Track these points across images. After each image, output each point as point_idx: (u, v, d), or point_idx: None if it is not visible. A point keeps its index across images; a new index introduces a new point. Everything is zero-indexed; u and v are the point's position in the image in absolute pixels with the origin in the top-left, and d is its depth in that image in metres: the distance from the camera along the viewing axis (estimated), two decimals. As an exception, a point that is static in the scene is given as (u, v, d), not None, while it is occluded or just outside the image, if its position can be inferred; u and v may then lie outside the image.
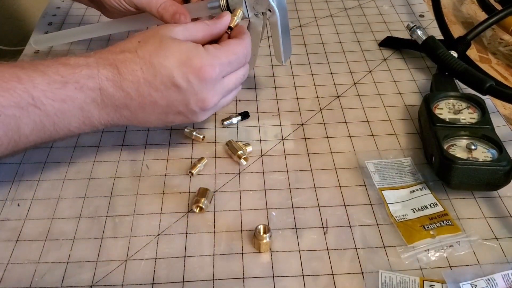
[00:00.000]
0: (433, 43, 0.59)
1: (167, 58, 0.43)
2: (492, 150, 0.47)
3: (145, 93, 0.43)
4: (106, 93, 0.42)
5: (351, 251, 0.43)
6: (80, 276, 0.42)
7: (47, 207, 0.47)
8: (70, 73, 0.41)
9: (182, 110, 0.45)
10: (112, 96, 0.43)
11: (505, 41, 0.70)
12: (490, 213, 0.46)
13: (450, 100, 0.53)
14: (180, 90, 0.44)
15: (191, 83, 0.43)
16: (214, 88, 0.45)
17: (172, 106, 0.45)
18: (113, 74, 0.42)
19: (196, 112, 0.46)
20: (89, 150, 0.53)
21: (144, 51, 0.43)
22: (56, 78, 0.41)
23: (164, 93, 0.44)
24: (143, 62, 0.43)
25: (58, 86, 0.41)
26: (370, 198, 0.47)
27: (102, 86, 0.42)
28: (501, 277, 0.40)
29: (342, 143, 0.53)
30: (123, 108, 0.44)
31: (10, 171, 0.51)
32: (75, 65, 0.42)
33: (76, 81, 0.41)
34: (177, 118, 0.46)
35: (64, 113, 0.41)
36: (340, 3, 0.78)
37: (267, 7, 0.50)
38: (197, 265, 0.42)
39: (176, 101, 0.44)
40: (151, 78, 0.43)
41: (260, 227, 0.42)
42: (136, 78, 0.43)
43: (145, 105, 0.44)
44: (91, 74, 0.42)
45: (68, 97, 0.41)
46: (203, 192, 0.47)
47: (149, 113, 0.45)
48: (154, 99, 0.44)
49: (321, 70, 0.64)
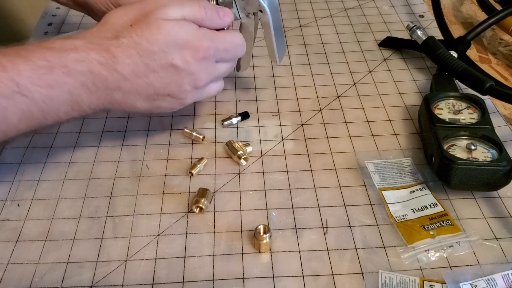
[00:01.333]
0: (433, 43, 0.59)
1: (166, 43, 0.42)
2: (492, 150, 0.47)
3: (141, 74, 0.43)
4: (98, 75, 0.41)
5: (351, 251, 0.43)
6: (80, 276, 0.42)
7: (47, 207, 0.47)
8: (57, 57, 0.40)
9: (174, 91, 0.45)
10: (105, 78, 0.42)
11: (505, 41, 0.70)
12: (490, 213, 0.46)
13: (450, 100, 0.53)
14: (177, 70, 0.44)
15: (188, 63, 0.44)
16: (207, 68, 0.45)
17: (165, 87, 0.45)
18: (106, 59, 0.41)
19: (187, 91, 0.46)
20: (89, 150, 0.53)
21: (141, 37, 0.42)
22: (42, 63, 0.39)
23: (161, 74, 0.43)
24: (140, 47, 0.42)
25: (44, 71, 0.39)
26: (370, 198, 0.47)
27: (93, 69, 0.41)
28: (501, 277, 0.40)
29: (342, 143, 0.53)
30: (115, 90, 0.43)
31: (10, 171, 0.51)
32: (61, 48, 0.40)
33: (64, 66, 0.40)
34: (165, 101, 0.46)
35: (52, 99, 0.40)
36: (340, 3, 0.78)
37: (258, 8, 0.50)
38: (197, 265, 0.42)
39: (172, 81, 0.44)
40: (150, 61, 0.43)
41: (260, 227, 0.42)
42: (133, 61, 0.42)
43: (139, 87, 0.43)
44: (80, 57, 0.40)
45: (56, 82, 0.39)
46: (203, 192, 0.47)
47: (140, 95, 0.44)
48: (150, 81, 0.43)
49: (321, 71, 0.64)
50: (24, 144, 0.54)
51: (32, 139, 0.54)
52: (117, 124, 0.56)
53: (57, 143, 0.54)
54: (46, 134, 0.55)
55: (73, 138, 0.54)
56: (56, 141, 0.54)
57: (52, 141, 0.54)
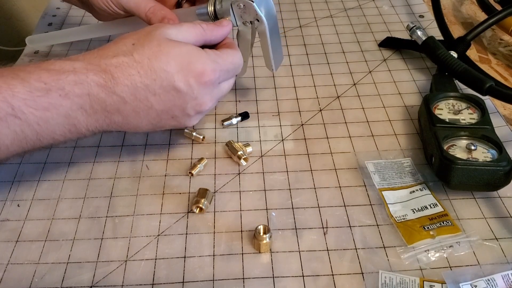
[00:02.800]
0: (433, 43, 0.59)
1: (168, 63, 0.41)
2: (492, 150, 0.47)
3: (142, 97, 0.41)
4: (96, 98, 0.40)
5: (351, 252, 0.43)
6: (80, 276, 0.42)
7: (47, 208, 0.47)
8: (54, 80, 0.39)
9: (177, 115, 0.44)
10: (104, 101, 0.40)
11: (505, 41, 0.70)
12: (490, 213, 0.46)
13: (450, 101, 0.53)
14: (180, 94, 0.42)
15: (191, 87, 0.42)
16: (211, 92, 0.44)
17: (168, 111, 0.43)
18: (105, 80, 0.40)
19: (190, 116, 0.44)
20: (89, 151, 0.53)
21: (141, 55, 0.41)
22: (38, 85, 0.38)
23: (162, 97, 0.42)
24: (141, 66, 0.41)
25: (40, 94, 0.38)
26: (370, 199, 0.47)
27: (92, 92, 0.40)
28: (501, 278, 0.40)
29: (342, 144, 0.53)
30: (114, 113, 0.42)
31: (10, 171, 0.51)
32: (60, 70, 0.39)
33: (61, 88, 0.39)
34: (169, 122, 0.45)
35: (47, 121, 0.39)
36: (340, 3, 0.78)
37: (255, 17, 0.49)
38: (197, 266, 0.42)
39: (174, 105, 0.43)
40: (150, 82, 0.41)
41: (260, 228, 0.42)
42: (132, 83, 0.41)
43: (140, 110, 0.42)
44: (79, 80, 0.39)
45: (52, 105, 0.38)
46: (203, 192, 0.47)
47: (142, 118, 0.43)
48: (151, 104, 0.42)
49: (321, 71, 0.64)
50: (24, 144, 0.54)
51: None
52: (117, 124, 0.56)
53: (57, 143, 0.54)
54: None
55: (73, 138, 0.54)
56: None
57: (52, 141, 0.54)
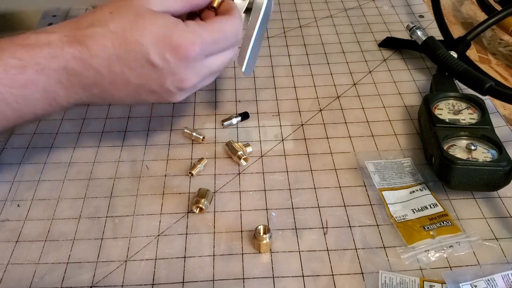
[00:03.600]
0: (433, 43, 0.59)
1: (142, 34, 0.39)
2: (492, 150, 0.47)
3: (117, 71, 0.40)
4: (73, 72, 0.39)
5: (351, 252, 0.43)
6: (80, 276, 0.42)
7: (47, 208, 0.47)
8: (30, 55, 0.37)
9: (157, 90, 0.42)
10: (80, 74, 0.39)
11: (504, 41, 0.70)
12: (490, 213, 0.46)
13: (450, 101, 0.53)
14: (155, 69, 0.40)
15: (168, 61, 0.39)
16: (194, 68, 0.41)
17: (145, 85, 0.41)
18: (80, 52, 0.38)
19: (172, 92, 0.42)
20: (89, 151, 0.53)
21: (117, 24, 0.39)
22: (13, 62, 0.37)
23: (138, 71, 0.40)
24: (115, 37, 0.39)
25: (16, 71, 0.37)
26: (370, 199, 0.47)
27: (68, 65, 0.38)
28: (501, 278, 0.40)
29: (342, 144, 0.53)
30: (92, 87, 0.40)
31: (10, 171, 0.51)
32: (35, 44, 0.38)
33: (37, 63, 0.37)
34: (150, 97, 0.43)
35: (26, 98, 0.38)
36: (340, 3, 0.78)
37: None
38: (197, 266, 0.42)
39: (151, 80, 0.41)
40: (124, 54, 0.39)
41: (260, 228, 0.42)
42: (107, 54, 0.39)
43: (117, 83, 0.40)
44: (54, 53, 0.38)
45: (29, 81, 0.37)
46: (203, 192, 0.47)
47: (120, 91, 0.41)
48: (127, 77, 0.40)
49: (321, 71, 0.64)
50: (24, 144, 0.54)
51: (32, 139, 0.54)
52: (117, 124, 0.56)
53: (57, 143, 0.54)
54: (46, 134, 0.55)
55: (73, 139, 0.54)
56: (56, 142, 0.54)
57: (52, 142, 0.54)
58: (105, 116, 0.57)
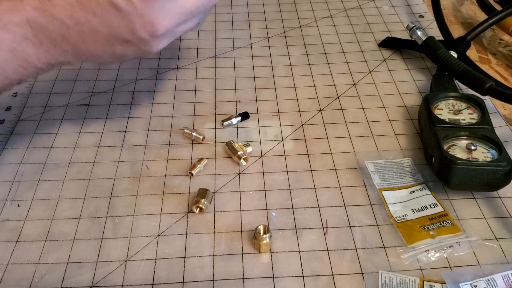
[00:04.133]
0: (433, 43, 0.59)
1: None
2: (492, 150, 0.47)
3: (82, 19, 0.37)
4: (37, 25, 0.36)
5: (351, 252, 0.43)
6: (80, 276, 0.42)
7: (47, 208, 0.47)
8: None
9: (129, 38, 0.39)
10: (45, 28, 0.37)
11: (504, 41, 0.70)
12: (490, 213, 0.46)
13: (450, 101, 0.53)
14: (120, 12, 0.37)
15: (132, 2, 0.37)
16: (163, 8, 0.38)
17: (115, 34, 0.38)
18: (40, 1, 0.36)
19: (146, 39, 0.39)
20: (89, 151, 0.53)
21: None
22: None
23: (103, 17, 0.37)
24: None
25: None
26: (370, 199, 0.47)
27: (30, 18, 0.36)
28: (501, 278, 0.40)
29: (342, 144, 0.53)
30: (61, 42, 0.38)
31: (10, 171, 0.51)
32: None
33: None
34: (127, 49, 0.40)
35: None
36: (340, 3, 0.78)
37: None
38: (197, 266, 0.42)
39: (119, 26, 0.38)
40: (85, 0, 0.37)
41: (260, 228, 0.42)
42: (68, 2, 0.37)
43: (85, 34, 0.38)
44: (13, 6, 0.36)
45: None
46: (203, 192, 0.47)
47: (91, 45, 0.39)
48: (93, 26, 0.37)
49: (321, 71, 0.64)
50: (24, 144, 0.54)
51: (32, 139, 0.54)
52: (117, 124, 0.56)
53: (57, 143, 0.54)
54: (46, 134, 0.55)
55: (73, 139, 0.54)
56: (56, 142, 0.54)
57: (52, 142, 0.54)
58: (105, 116, 0.57)
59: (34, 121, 0.56)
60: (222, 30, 0.71)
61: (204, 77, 0.63)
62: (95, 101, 0.59)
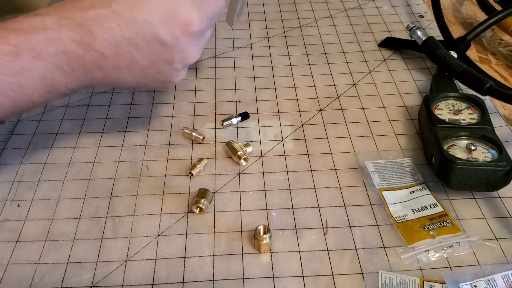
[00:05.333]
0: (433, 43, 0.59)
1: (149, 13, 0.38)
2: (492, 150, 0.47)
3: (124, 52, 0.38)
4: (73, 55, 0.37)
5: (351, 252, 0.43)
6: (80, 276, 0.42)
7: (47, 208, 0.47)
8: (23, 41, 0.35)
9: (164, 70, 0.41)
10: (82, 58, 0.37)
11: (504, 41, 0.70)
12: (490, 213, 0.46)
13: (450, 101, 0.53)
14: (166, 47, 0.39)
15: (178, 39, 0.39)
16: (199, 42, 0.41)
17: (153, 66, 0.40)
18: (82, 35, 0.37)
19: (178, 70, 0.42)
20: (89, 151, 0.53)
21: (121, 5, 0.37)
22: (7, 49, 0.35)
23: (147, 51, 0.39)
24: (121, 18, 0.37)
25: (10, 58, 0.35)
26: (370, 199, 0.47)
27: (68, 49, 0.37)
28: (501, 278, 0.40)
29: (342, 144, 0.53)
30: (94, 70, 0.39)
31: (10, 171, 0.51)
32: (28, 29, 0.36)
33: (32, 49, 0.35)
34: (156, 78, 0.42)
35: (22, 86, 0.36)
36: (340, 3, 0.78)
37: None
38: (197, 266, 0.42)
39: (160, 59, 0.40)
40: (132, 35, 0.38)
41: (260, 228, 0.42)
42: (113, 36, 0.37)
43: (122, 65, 0.39)
44: (51, 37, 0.36)
45: (24, 68, 0.35)
46: (203, 192, 0.47)
47: (125, 74, 0.40)
48: (134, 58, 0.39)
49: (321, 71, 0.64)
50: (24, 144, 0.54)
51: (32, 139, 0.54)
52: (117, 124, 0.56)
53: (57, 143, 0.54)
54: (46, 134, 0.55)
55: (73, 139, 0.54)
56: (56, 142, 0.54)
57: (52, 142, 0.54)
58: (105, 116, 0.57)
59: (34, 121, 0.56)
60: (222, 30, 0.71)
61: (204, 77, 0.63)
62: (95, 101, 0.59)
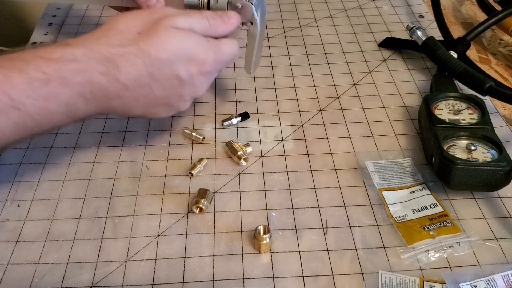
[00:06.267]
0: (433, 43, 0.59)
1: (175, 54, 0.42)
2: (492, 150, 0.47)
3: (144, 84, 0.42)
4: (98, 85, 0.40)
5: (351, 252, 0.43)
6: (80, 277, 0.42)
7: (47, 208, 0.47)
8: (54, 69, 0.38)
9: (174, 101, 0.45)
10: (105, 88, 0.40)
11: (504, 41, 0.70)
12: (490, 213, 0.46)
13: (450, 101, 0.53)
14: (181, 82, 0.43)
15: (192, 76, 0.44)
16: (208, 80, 0.46)
17: (166, 98, 0.44)
18: (108, 68, 0.40)
19: (186, 101, 0.46)
20: (89, 151, 0.53)
21: (149, 45, 0.41)
22: (37, 75, 0.37)
23: (164, 84, 0.43)
24: (147, 56, 0.41)
25: (39, 84, 0.38)
26: (370, 199, 0.47)
27: (93, 79, 0.40)
28: (501, 278, 0.40)
29: (342, 144, 0.53)
30: (114, 99, 0.42)
31: (10, 171, 0.51)
32: (59, 59, 0.39)
33: (61, 77, 0.38)
34: (162, 109, 0.46)
35: (47, 110, 0.39)
36: (340, 3, 0.78)
37: (250, 19, 0.50)
38: (197, 266, 0.42)
39: (173, 92, 0.44)
40: (155, 71, 0.42)
41: (260, 228, 0.42)
42: (137, 71, 0.41)
43: (140, 96, 0.43)
44: (80, 68, 0.39)
45: (52, 94, 0.38)
46: (203, 192, 0.47)
47: (139, 103, 0.44)
48: (152, 91, 0.43)
49: (321, 71, 0.64)
50: (24, 144, 0.54)
51: (32, 140, 0.54)
52: (117, 124, 0.56)
53: (57, 143, 0.54)
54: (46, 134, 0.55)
55: (73, 139, 0.54)
56: (56, 142, 0.54)
57: (52, 142, 0.54)
58: (105, 116, 0.57)
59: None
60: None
61: (204, 77, 0.63)
62: (95, 101, 0.59)
